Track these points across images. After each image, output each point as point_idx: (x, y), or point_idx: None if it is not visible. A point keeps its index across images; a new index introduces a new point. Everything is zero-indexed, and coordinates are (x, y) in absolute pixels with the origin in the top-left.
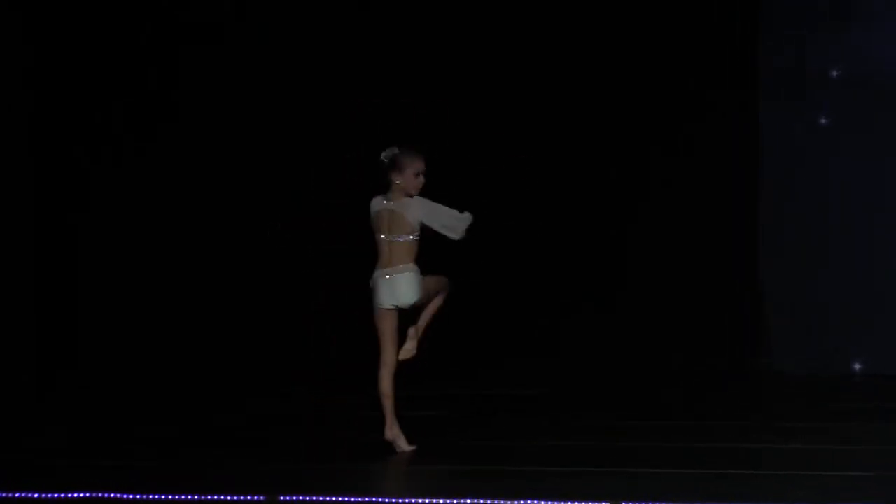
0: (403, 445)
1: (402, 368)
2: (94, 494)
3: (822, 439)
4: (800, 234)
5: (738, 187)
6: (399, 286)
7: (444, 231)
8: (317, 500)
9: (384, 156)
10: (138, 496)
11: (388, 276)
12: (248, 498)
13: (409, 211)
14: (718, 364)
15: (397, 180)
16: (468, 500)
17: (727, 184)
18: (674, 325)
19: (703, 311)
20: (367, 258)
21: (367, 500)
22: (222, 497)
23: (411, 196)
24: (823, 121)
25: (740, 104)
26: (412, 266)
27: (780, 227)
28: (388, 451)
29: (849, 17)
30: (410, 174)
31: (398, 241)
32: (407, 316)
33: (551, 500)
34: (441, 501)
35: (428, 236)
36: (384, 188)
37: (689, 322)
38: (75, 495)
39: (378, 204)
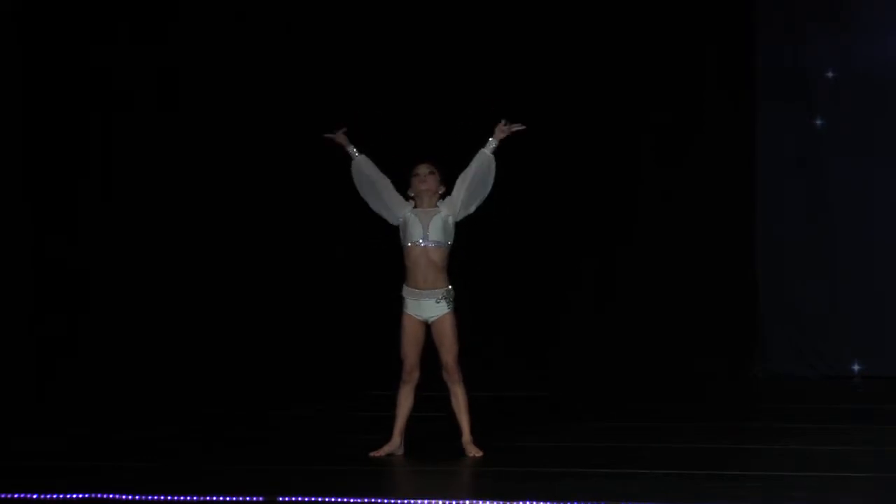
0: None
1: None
2: (93, 494)
3: (820, 440)
4: (799, 234)
5: (736, 188)
6: None
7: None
8: (317, 501)
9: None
10: (138, 496)
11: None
12: (248, 498)
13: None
14: (717, 365)
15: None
16: (468, 501)
17: (725, 185)
18: (673, 326)
19: (702, 312)
20: (366, 258)
21: (367, 500)
22: (221, 497)
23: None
24: (821, 122)
25: (738, 105)
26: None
27: (778, 228)
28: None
29: (846, 18)
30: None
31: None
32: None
33: (550, 500)
34: (441, 501)
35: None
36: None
37: (688, 324)
38: (75, 495)
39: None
